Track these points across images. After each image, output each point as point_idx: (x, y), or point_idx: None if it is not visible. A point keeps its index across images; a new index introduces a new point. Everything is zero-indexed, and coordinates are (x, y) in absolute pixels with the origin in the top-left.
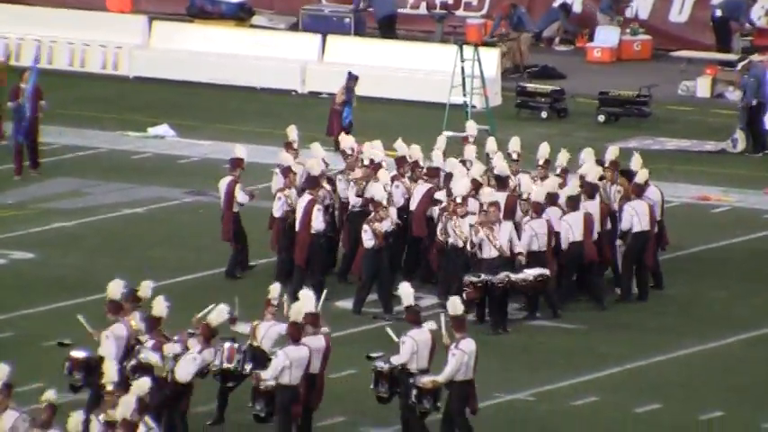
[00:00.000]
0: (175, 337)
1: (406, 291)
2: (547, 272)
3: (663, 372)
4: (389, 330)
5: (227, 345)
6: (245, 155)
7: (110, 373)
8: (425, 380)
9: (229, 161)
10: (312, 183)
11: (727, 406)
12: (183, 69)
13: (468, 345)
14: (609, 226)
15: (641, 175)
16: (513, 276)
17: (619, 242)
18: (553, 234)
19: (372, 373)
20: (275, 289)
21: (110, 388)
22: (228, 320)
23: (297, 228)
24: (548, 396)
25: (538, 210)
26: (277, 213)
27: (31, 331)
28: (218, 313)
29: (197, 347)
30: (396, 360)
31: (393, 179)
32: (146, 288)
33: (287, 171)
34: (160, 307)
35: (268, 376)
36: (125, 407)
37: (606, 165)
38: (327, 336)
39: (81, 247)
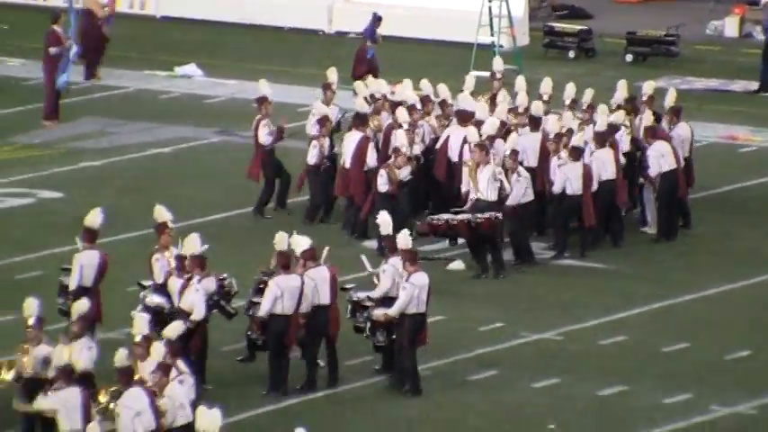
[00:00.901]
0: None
1: (384, 219)
2: (499, 215)
3: (690, 311)
4: (364, 258)
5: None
6: (270, 92)
7: (140, 324)
8: (378, 312)
9: (256, 100)
10: (362, 120)
11: (754, 345)
12: (210, 9)
13: (420, 278)
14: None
15: (646, 118)
16: (465, 216)
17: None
18: (591, 177)
19: (349, 304)
20: (281, 237)
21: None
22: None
23: (348, 165)
24: (576, 335)
25: (575, 155)
26: (311, 161)
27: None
28: (297, 242)
29: (195, 278)
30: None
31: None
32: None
33: (323, 120)
34: (194, 244)
35: (263, 311)
36: (158, 351)
37: (644, 99)
38: (332, 267)
39: (109, 187)
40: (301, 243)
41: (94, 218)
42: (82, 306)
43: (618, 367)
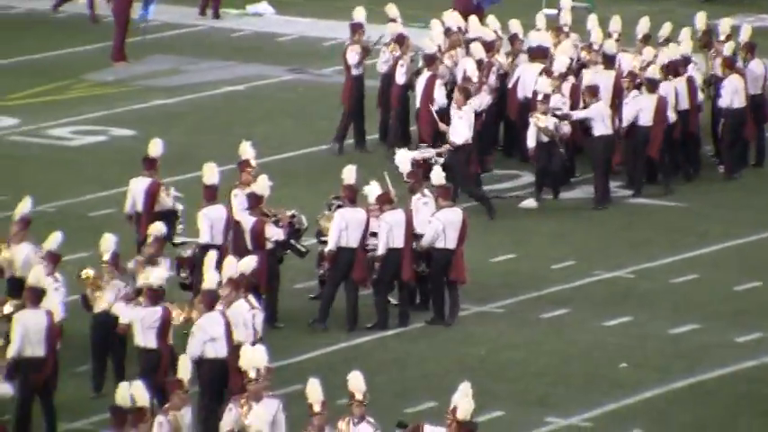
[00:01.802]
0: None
1: (402, 157)
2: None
3: (763, 250)
4: (387, 177)
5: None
6: (364, 18)
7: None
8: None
9: (350, 26)
10: (430, 60)
11: None
12: None
13: (447, 215)
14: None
15: (728, 47)
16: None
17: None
18: (665, 109)
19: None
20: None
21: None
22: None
23: (418, 104)
24: (648, 273)
25: (651, 87)
26: (381, 69)
27: None
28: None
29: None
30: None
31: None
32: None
33: (402, 38)
34: (263, 185)
35: (330, 243)
36: (230, 266)
37: (722, 38)
38: (409, 210)
39: (181, 124)
40: (374, 190)
41: (155, 148)
42: (158, 228)
43: (690, 306)
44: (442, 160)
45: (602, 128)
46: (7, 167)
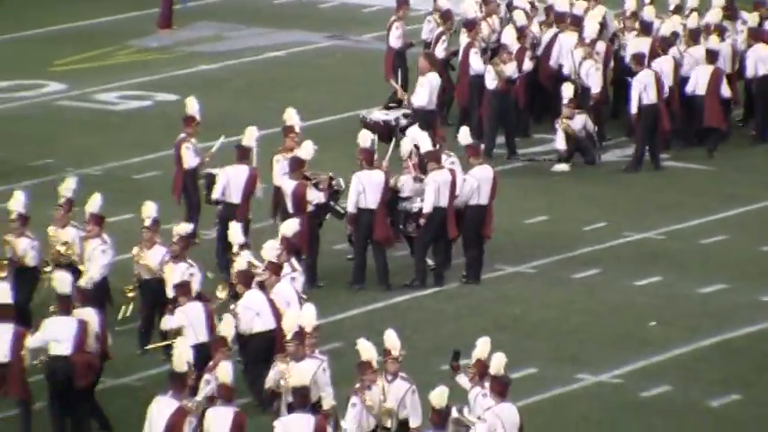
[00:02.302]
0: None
1: (416, 134)
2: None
3: None
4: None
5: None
6: None
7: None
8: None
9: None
10: (470, 25)
11: None
12: None
13: (480, 172)
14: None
15: (752, 18)
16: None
17: None
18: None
19: (401, 214)
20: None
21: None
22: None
23: (458, 71)
24: (678, 234)
25: (711, 59)
26: (424, 36)
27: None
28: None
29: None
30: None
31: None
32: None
33: (448, 14)
34: (308, 149)
35: (349, 206)
36: (270, 250)
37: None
38: (453, 171)
39: (224, 89)
40: (407, 147)
41: (192, 105)
42: (184, 227)
43: (718, 266)
44: (405, 122)
45: (645, 97)
46: (55, 131)
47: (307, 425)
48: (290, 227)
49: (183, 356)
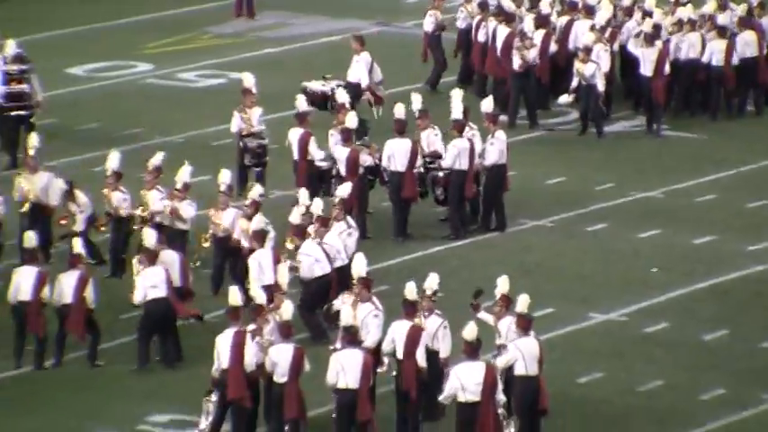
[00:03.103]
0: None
1: (456, 95)
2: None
3: None
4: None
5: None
6: None
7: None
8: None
9: None
10: (509, 17)
11: None
12: None
13: (503, 135)
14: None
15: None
16: None
17: None
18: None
19: (430, 181)
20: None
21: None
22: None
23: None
24: (675, 193)
25: (721, 33)
26: (460, 25)
27: None
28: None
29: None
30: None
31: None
32: None
33: (485, 3)
34: (352, 120)
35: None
36: (317, 206)
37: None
38: (470, 139)
39: (286, 70)
40: (457, 110)
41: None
42: (257, 190)
43: (710, 220)
44: (340, 90)
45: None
46: (143, 105)
47: (356, 359)
48: (345, 189)
49: (235, 294)
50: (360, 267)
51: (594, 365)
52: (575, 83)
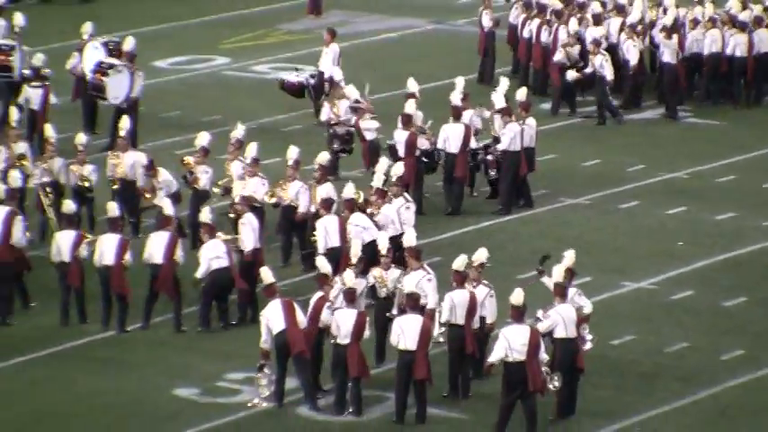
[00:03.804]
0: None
1: (503, 84)
2: None
3: None
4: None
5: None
6: None
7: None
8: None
9: None
10: (559, 14)
11: None
12: None
13: (533, 121)
14: None
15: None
16: None
17: None
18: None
19: (482, 163)
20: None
21: None
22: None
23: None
24: (699, 174)
25: (742, 28)
26: (512, 20)
27: None
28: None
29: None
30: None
31: None
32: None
33: (528, 4)
34: (411, 106)
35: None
36: (378, 176)
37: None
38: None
39: (351, 63)
40: (498, 99)
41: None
42: (323, 157)
43: (730, 199)
44: (313, 81)
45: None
46: (221, 95)
47: (416, 323)
48: (399, 168)
49: (324, 262)
50: (410, 239)
51: (626, 329)
52: (589, 69)
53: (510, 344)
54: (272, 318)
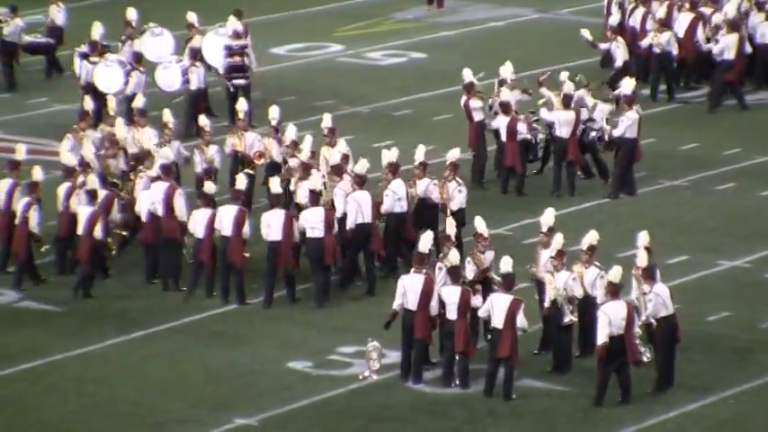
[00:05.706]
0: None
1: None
2: None
3: None
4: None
5: None
6: None
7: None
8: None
9: None
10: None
11: None
12: None
13: (633, 114)
14: None
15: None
16: None
17: None
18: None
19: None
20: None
21: None
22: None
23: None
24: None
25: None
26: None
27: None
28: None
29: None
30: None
31: None
32: None
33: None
34: (506, 94)
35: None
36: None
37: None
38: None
39: (459, 50)
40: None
41: None
42: (392, 154)
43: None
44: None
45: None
46: (335, 80)
47: (456, 293)
48: (454, 153)
49: (426, 241)
50: (480, 225)
51: (721, 306)
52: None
53: (611, 319)
54: (411, 291)
